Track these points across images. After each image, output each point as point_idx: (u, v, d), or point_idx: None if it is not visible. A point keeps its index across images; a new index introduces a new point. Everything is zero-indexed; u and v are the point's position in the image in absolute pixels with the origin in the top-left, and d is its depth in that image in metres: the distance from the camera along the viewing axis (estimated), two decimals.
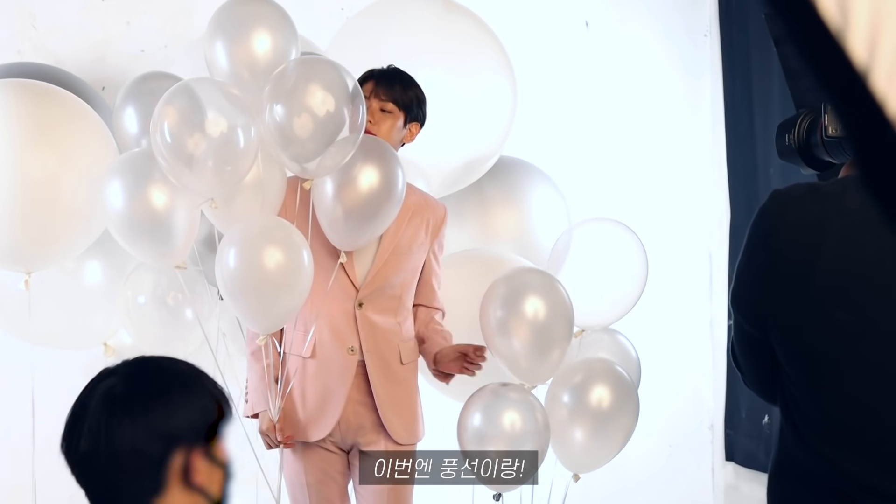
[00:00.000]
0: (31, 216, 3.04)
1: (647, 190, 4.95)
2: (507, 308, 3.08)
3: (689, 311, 5.06)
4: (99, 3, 4.08)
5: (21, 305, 3.32)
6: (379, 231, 3.01)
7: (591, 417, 3.25)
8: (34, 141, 3.06)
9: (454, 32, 3.56)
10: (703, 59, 5.05)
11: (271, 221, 2.95)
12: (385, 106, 3.05)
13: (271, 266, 2.85)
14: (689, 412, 5.07)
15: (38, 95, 3.16)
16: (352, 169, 2.91)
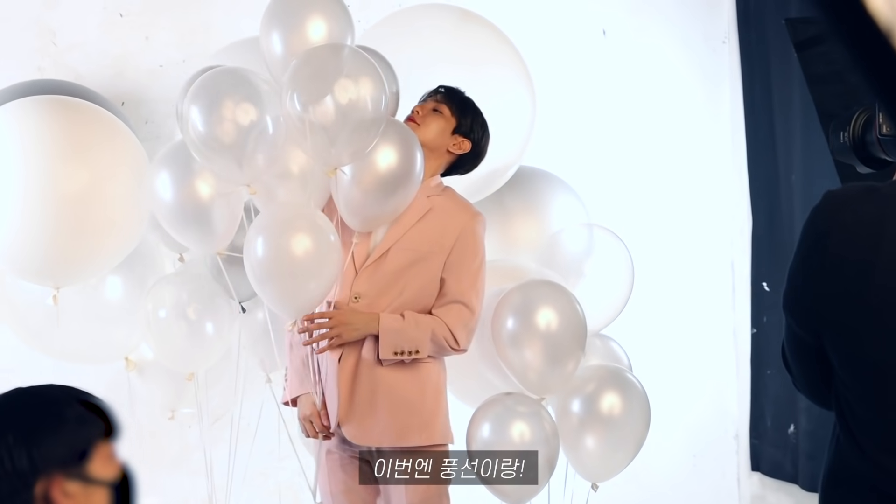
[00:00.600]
0: (62, 231, 3.05)
1: (668, 199, 4.92)
2: (519, 320, 3.06)
3: (711, 320, 5.03)
4: (118, 20, 4.10)
5: (44, 321, 3.34)
6: (392, 210, 3.00)
7: (603, 425, 3.23)
8: (67, 156, 3.08)
9: (471, 42, 3.55)
10: (721, 65, 5.03)
11: (297, 208, 2.96)
12: (438, 106, 3.09)
13: (299, 252, 2.86)
14: (713, 421, 5.04)
15: (71, 111, 3.18)
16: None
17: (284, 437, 3.90)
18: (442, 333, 2.98)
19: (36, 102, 3.16)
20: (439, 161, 3.13)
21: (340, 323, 2.93)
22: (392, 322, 2.97)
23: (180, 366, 3.42)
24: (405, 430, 3.00)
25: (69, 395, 1.70)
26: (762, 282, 4.90)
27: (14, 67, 3.92)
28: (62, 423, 1.66)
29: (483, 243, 3.09)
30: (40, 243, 3.04)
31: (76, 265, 3.15)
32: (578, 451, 3.23)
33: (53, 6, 4.01)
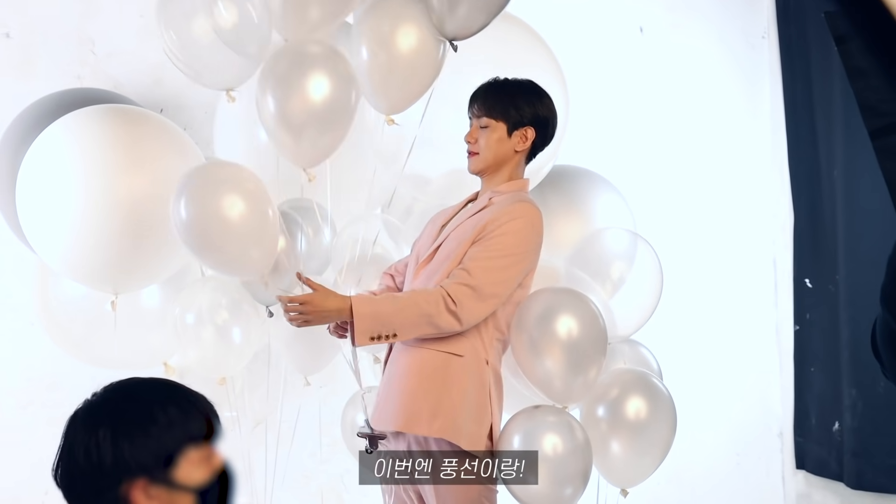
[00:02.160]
0: (123, 238, 3.09)
1: (708, 196, 4.89)
2: (539, 328, 3.02)
3: (754, 317, 4.99)
4: (155, 28, 4.13)
5: (83, 330, 3.38)
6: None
7: (629, 430, 3.20)
8: (127, 165, 3.12)
9: (504, 44, 3.54)
10: (761, 61, 4.99)
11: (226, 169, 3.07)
12: (480, 122, 3.02)
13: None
14: (757, 419, 5.00)
15: (130, 121, 3.22)
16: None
17: (326, 440, 3.93)
18: (428, 302, 2.85)
19: (98, 112, 3.21)
20: (512, 165, 3.05)
21: (311, 311, 2.86)
22: (364, 306, 2.87)
23: (210, 370, 3.45)
24: (411, 415, 2.90)
25: (167, 396, 1.72)
26: (805, 278, 4.86)
27: (54, 76, 3.98)
28: (151, 425, 1.67)
29: (520, 239, 2.93)
30: (101, 250, 3.09)
31: (135, 272, 3.20)
32: (606, 457, 3.21)
33: (92, 16, 4.05)
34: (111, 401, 1.71)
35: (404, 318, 2.85)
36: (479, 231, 2.92)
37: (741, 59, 4.98)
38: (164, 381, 1.78)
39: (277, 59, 3.04)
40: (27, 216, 3.18)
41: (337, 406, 3.72)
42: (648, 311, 3.46)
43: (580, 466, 3.00)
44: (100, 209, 3.06)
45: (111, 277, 3.16)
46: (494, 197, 3.01)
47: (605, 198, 3.78)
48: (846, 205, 4.57)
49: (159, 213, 3.12)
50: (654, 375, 3.33)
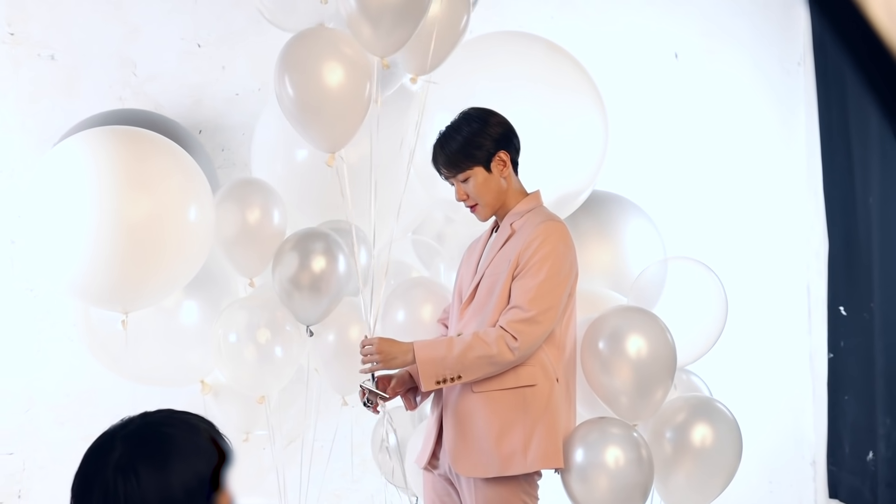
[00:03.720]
0: (128, 258, 3.11)
1: (743, 222, 4.89)
2: (610, 346, 3.06)
3: (787, 345, 4.98)
4: (196, 50, 4.20)
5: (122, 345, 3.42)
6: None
7: (694, 455, 3.20)
8: (131, 185, 3.14)
9: (544, 66, 3.57)
10: (796, 88, 4.99)
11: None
12: (460, 177, 3.02)
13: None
14: (790, 447, 4.97)
15: (134, 141, 3.24)
16: None
17: (358, 459, 3.95)
18: (489, 343, 2.88)
19: (105, 133, 3.24)
20: (510, 190, 3.07)
21: (380, 351, 2.95)
22: (426, 351, 2.94)
23: (250, 389, 3.48)
24: (505, 460, 2.94)
25: (210, 425, 1.74)
26: (839, 306, 4.84)
27: (96, 98, 4.04)
28: (197, 456, 1.68)
29: (557, 255, 2.94)
30: (107, 270, 3.10)
31: (140, 291, 3.20)
32: (668, 481, 3.21)
33: (134, 39, 4.12)
34: (150, 434, 1.70)
35: (468, 360, 2.91)
36: (514, 265, 2.96)
37: (776, 86, 4.98)
38: (177, 412, 1.78)
39: None
40: (34, 237, 3.19)
41: (368, 426, 3.75)
42: (712, 340, 3.46)
43: (640, 481, 3.01)
44: (104, 230, 3.07)
45: (118, 297, 3.17)
46: (515, 222, 3.04)
47: (636, 223, 3.79)
48: (882, 232, 4.55)
49: (164, 232, 3.16)
50: (720, 402, 3.33)
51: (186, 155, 3.32)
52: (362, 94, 3.13)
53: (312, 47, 3.12)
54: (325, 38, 3.14)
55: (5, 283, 4.00)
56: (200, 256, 3.31)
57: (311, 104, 3.08)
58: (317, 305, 3.37)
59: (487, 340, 2.89)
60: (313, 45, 3.12)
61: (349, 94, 3.10)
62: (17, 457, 4.00)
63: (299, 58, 3.10)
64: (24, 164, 3.96)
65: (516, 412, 2.94)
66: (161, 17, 4.16)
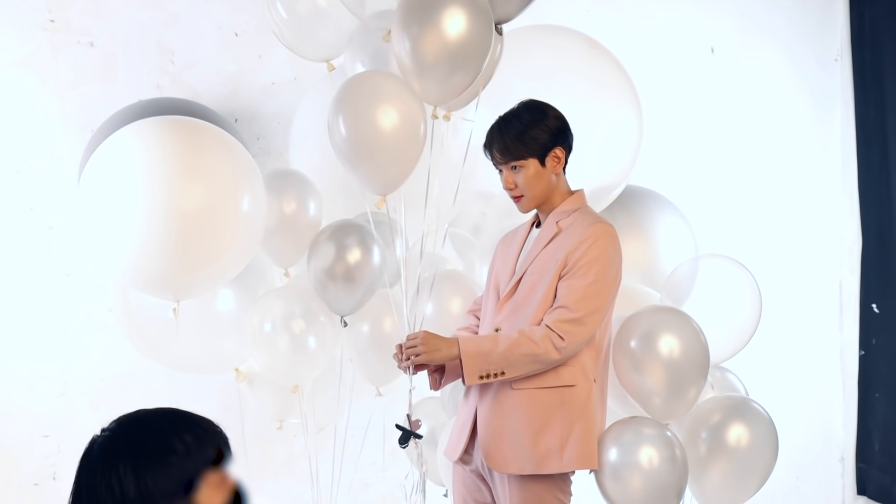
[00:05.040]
0: (182, 246, 3.13)
1: (776, 218, 4.88)
2: (642, 346, 3.06)
3: (818, 341, 4.97)
4: (233, 39, 4.22)
5: (159, 332, 3.45)
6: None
7: (729, 456, 3.20)
8: (185, 174, 3.16)
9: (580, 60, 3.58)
10: (833, 85, 4.97)
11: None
12: (512, 164, 3.01)
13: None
14: (819, 444, 4.97)
15: (189, 131, 3.27)
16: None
17: (389, 448, 3.97)
18: (535, 342, 2.89)
19: (158, 123, 3.26)
20: (558, 187, 3.07)
21: (425, 343, 2.96)
22: (472, 345, 2.95)
23: (284, 378, 3.50)
24: (541, 458, 2.95)
25: (180, 425, 1.76)
26: (871, 303, 4.82)
27: (134, 86, 4.07)
28: (170, 454, 1.72)
29: (607, 258, 2.96)
30: (161, 259, 3.13)
31: (195, 279, 3.24)
32: (703, 481, 3.21)
33: (172, 27, 4.15)
34: (126, 434, 1.74)
35: (513, 357, 2.92)
36: (562, 264, 2.96)
37: (812, 82, 4.96)
38: (174, 409, 1.81)
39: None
40: (88, 225, 3.22)
41: (399, 416, 3.77)
42: (745, 337, 3.46)
43: (673, 480, 3.01)
44: (159, 218, 3.10)
45: (172, 285, 3.20)
46: (561, 220, 3.03)
47: (668, 220, 3.79)
48: None
49: (217, 221, 3.19)
50: (756, 402, 3.33)
51: (240, 145, 3.36)
52: (417, 138, 3.12)
53: (368, 90, 3.11)
54: (381, 82, 3.13)
55: (43, 268, 4.04)
56: (252, 246, 3.34)
57: (363, 147, 3.08)
58: (351, 296, 3.39)
59: (534, 339, 2.91)
60: (369, 87, 3.12)
61: (403, 139, 3.10)
62: (53, 439, 4.05)
63: (354, 100, 3.09)
64: (63, 151, 4.00)
65: (554, 411, 2.95)
66: (199, 5, 4.18)
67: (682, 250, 3.71)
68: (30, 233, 4.03)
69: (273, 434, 3.90)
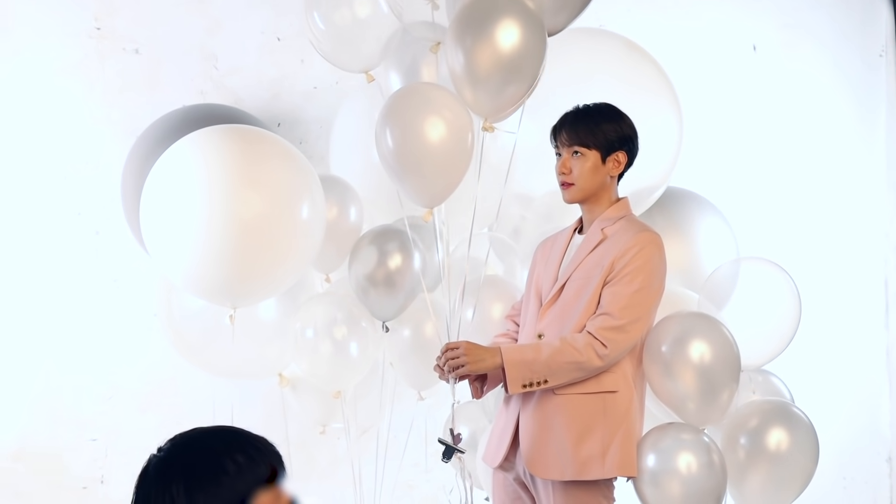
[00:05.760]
0: (241, 254, 3.17)
1: (820, 216, 4.84)
2: (672, 352, 3.04)
3: (864, 340, 4.92)
4: (275, 44, 4.26)
5: (202, 337, 3.49)
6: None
7: (768, 461, 3.18)
8: (245, 182, 3.20)
9: (618, 61, 3.57)
10: (877, 82, 4.91)
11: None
12: (573, 150, 3.01)
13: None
14: (865, 444, 4.92)
15: (247, 140, 3.30)
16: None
17: (431, 450, 4.00)
18: (578, 350, 2.89)
19: (218, 132, 3.30)
20: (608, 191, 3.07)
21: (468, 353, 2.95)
22: (515, 354, 2.95)
23: (326, 384, 3.53)
24: (583, 464, 2.95)
25: (232, 444, 1.77)
26: None
27: (179, 91, 4.12)
28: (222, 475, 1.72)
29: (652, 267, 2.95)
30: (221, 266, 3.16)
31: (253, 287, 3.27)
32: (743, 487, 3.19)
33: (215, 33, 4.19)
34: (180, 454, 1.75)
35: (556, 365, 2.92)
36: (608, 270, 2.95)
37: (856, 80, 4.91)
38: (228, 428, 1.81)
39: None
40: (150, 232, 3.26)
41: (441, 418, 3.79)
42: (785, 341, 3.43)
43: (712, 486, 3.00)
44: (221, 225, 3.13)
45: (230, 292, 3.23)
46: (606, 227, 3.02)
47: (709, 221, 3.78)
48: None
49: (277, 229, 3.21)
50: (796, 406, 3.31)
51: (299, 153, 3.38)
52: (465, 150, 3.13)
53: (416, 102, 3.11)
54: (430, 93, 3.14)
55: (90, 273, 4.10)
56: (312, 253, 3.36)
57: (410, 159, 3.09)
58: (392, 302, 3.41)
59: (577, 346, 2.90)
60: (417, 99, 3.12)
61: (451, 152, 3.10)
62: (100, 443, 4.11)
63: (402, 111, 3.10)
64: (111, 156, 4.06)
65: (596, 417, 2.95)
66: (242, 10, 4.22)
67: (723, 252, 3.69)
68: (77, 238, 4.10)
69: (316, 438, 3.93)
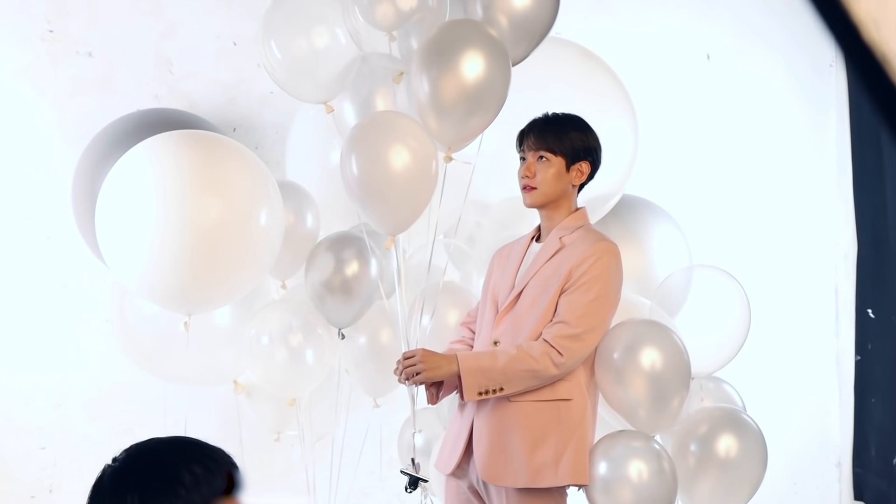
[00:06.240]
0: (198, 261, 3.14)
1: (772, 223, 4.88)
2: (624, 359, 3.06)
3: (814, 346, 4.97)
4: (231, 48, 4.23)
5: (156, 344, 3.46)
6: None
7: (718, 467, 3.21)
8: (202, 188, 3.17)
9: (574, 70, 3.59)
10: (828, 90, 4.97)
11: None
12: (539, 154, 3.03)
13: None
14: (815, 449, 4.98)
15: (204, 145, 3.28)
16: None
17: (386, 458, 3.99)
18: (534, 357, 2.90)
19: (175, 138, 3.27)
20: (569, 199, 3.09)
21: (424, 360, 2.96)
22: (471, 361, 2.96)
23: (282, 391, 3.51)
24: (536, 472, 2.95)
25: (189, 455, 1.76)
26: (867, 308, 4.83)
27: (133, 95, 4.09)
28: (178, 486, 1.70)
29: (608, 277, 2.98)
30: (176, 272, 3.14)
31: (209, 294, 3.25)
32: (692, 494, 3.21)
33: (171, 36, 4.16)
34: (135, 465, 1.72)
35: (512, 373, 2.93)
36: (565, 279, 2.97)
37: (808, 88, 4.96)
38: (184, 439, 1.79)
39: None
40: (105, 238, 3.22)
41: (396, 425, 3.78)
42: (735, 348, 3.47)
43: (663, 493, 3.02)
44: (177, 232, 3.11)
45: (186, 299, 3.21)
46: (564, 236, 3.04)
47: (662, 229, 3.80)
48: None
49: (234, 236, 3.19)
50: (745, 412, 3.34)
51: (257, 159, 3.35)
52: (429, 178, 3.13)
53: (380, 130, 3.11)
54: (393, 122, 3.14)
55: (40, 278, 4.06)
56: (270, 260, 3.34)
57: (375, 187, 3.08)
58: (349, 309, 3.41)
59: (533, 354, 2.92)
60: (382, 127, 3.12)
61: (414, 180, 3.10)
62: (49, 451, 4.06)
63: (367, 139, 3.10)
64: (62, 161, 4.01)
65: (550, 425, 2.96)
66: (198, 14, 4.20)
67: (676, 259, 3.72)
68: (28, 243, 4.04)
69: (271, 445, 3.91)
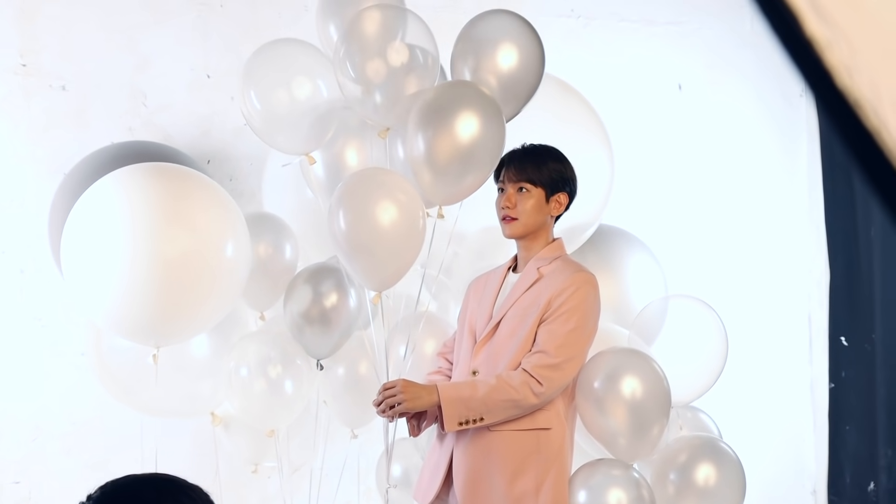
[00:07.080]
0: (165, 293, 3.12)
1: (745, 253, 4.92)
2: (605, 388, 3.07)
3: (788, 374, 5.00)
4: (205, 81, 4.23)
5: (132, 376, 3.44)
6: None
7: (697, 496, 3.21)
8: (169, 221, 3.15)
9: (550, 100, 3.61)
10: (798, 119, 5.03)
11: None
12: (519, 186, 3.04)
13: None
14: (791, 477, 4.99)
15: (170, 178, 3.26)
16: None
17: (363, 488, 3.97)
18: (514, 388, 2.90)
19: (141, 170, 3.25)
20: (546, 230, 3.11)
21: (405, 391, 2.95)
22: (451, 391, 2.96)
23: (260, 422, 3.50)
24: (516, 500, 2.95)
25: (164, 493, 1.73)
26: (840, 336, 4.87)
27: (107, 128, 4.07)
28: None
29: (587, 307, 3.00)
30: (143, 305, 3.11)
31: (178, 326, 3.22)
32: None
33: (144, 69, 4.16)
34: (111, 502, 1.71)
35: (492, 403, 2.93)
36: (544, 309, 2.98)
37: (778, 117, 5.02)
38: (161, 476, 1.79)
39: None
40: (71, 270, 3.20)
41: (374, 457, 3.77)
42: (713, 377, 3.49)
43: None
44: (144, 264, 3.09)
45: (153, 331, 3.18)
46: (542, 267, 3.05)
47: (638, 258, 3.83)
48: (883, 263, 4.59)
49: (201, 268, 3.18)
50: (723, 441, 3.35)
51: (223, 191, 3.35)
52: (417, 234, 3.13)
53: (369, 185, 3.11)
54: (382, 178, 3.15)
55: (13, 312, 4.02)
56: (237, 292, 3.33)
57: (362, 242, 3.08)
58: (327, 340, 3.40)
59: (512, 384, 2.92)
60: (370, 182, 3.12)
61: (402, 235, 3.10)
62: (24, 486, 4.01)
63: (355, 194, 3.09)
64: (35, 195, 3.98)
65: (530, 454, 2.96)
66: (171, 47, 4.20)
67: (652, 289, 3.74)
68: (1, 277, 4.01)
69: (248, 477, 3.88)
